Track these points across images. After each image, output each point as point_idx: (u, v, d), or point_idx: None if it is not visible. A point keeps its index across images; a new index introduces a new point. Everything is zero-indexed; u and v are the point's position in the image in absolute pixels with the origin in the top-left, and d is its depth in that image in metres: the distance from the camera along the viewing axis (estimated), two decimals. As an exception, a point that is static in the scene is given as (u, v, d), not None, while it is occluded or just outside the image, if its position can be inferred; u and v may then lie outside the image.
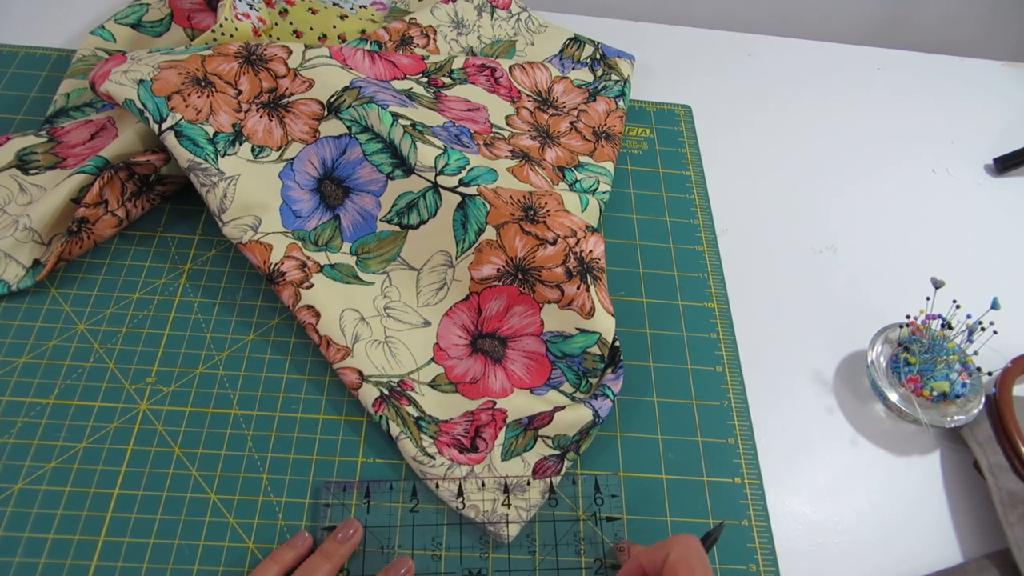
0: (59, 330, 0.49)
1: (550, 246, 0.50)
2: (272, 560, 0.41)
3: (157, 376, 0.48)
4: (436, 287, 0.52)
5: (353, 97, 0.54)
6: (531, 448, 0.47)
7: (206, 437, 0.46)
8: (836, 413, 0.53)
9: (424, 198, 0.52)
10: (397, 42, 0.64)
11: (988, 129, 0.73)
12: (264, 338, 0.50)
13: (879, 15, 0.92)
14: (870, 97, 0.75)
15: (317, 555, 0.41)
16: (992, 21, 0.94)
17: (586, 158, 0.61)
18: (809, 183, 0.66)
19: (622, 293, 0.56)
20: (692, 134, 0.68)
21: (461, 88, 0.62)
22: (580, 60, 0.70)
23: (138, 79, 0.51)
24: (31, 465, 0.44)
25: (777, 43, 0.78)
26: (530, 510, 0.45)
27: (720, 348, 0.54)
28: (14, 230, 0.50)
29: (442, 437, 0.46)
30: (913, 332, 0.52)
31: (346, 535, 0.42)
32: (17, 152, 0.55)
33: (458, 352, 0.50)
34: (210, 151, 0.52)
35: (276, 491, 0.45)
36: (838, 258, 0.61)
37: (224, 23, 0.58)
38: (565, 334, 0.50)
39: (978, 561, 0.46)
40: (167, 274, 0.53)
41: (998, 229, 0.65)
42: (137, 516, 0.43)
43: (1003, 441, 0.49)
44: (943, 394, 0.50)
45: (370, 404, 0.47)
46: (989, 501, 0.48)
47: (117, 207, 0.52)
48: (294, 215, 0.53)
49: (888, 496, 0.49)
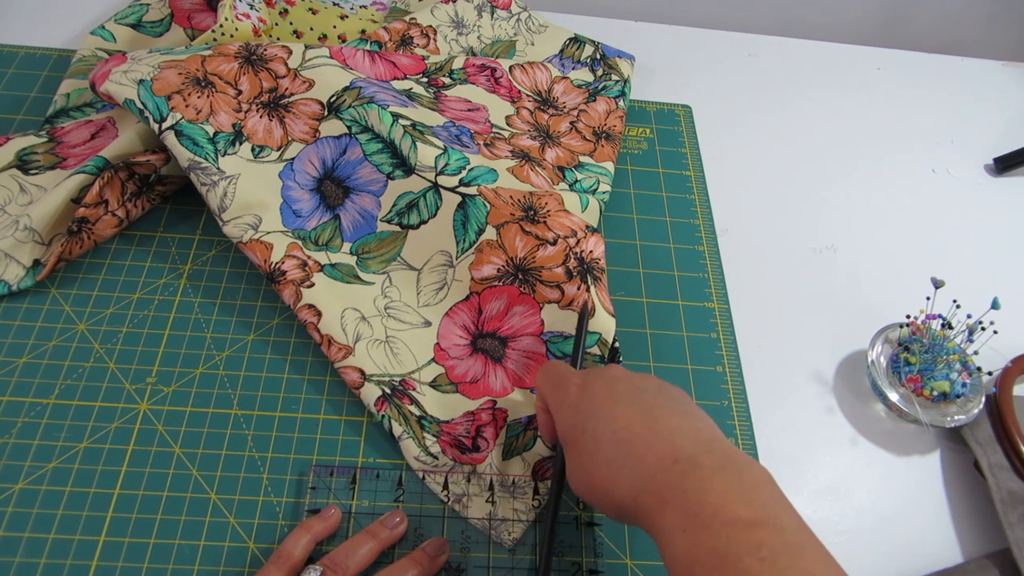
0: (59, 330, 0.49)
1: (550, 246, 0.50)
2: (303, 529, 0.41)
3: (157, 376, 0.48)
4: (436, 287, 0.52)
5: (353, 97, 0.54)
6: (531, 448, 0.47)
7: (206, 437, 0.46)
8: (836, 413, 0.53)
9: (424, 198, 0.52)
10: (397, 42, 0.64)
11: (988, 129, 0.73)
12: (264, 338, 0.50)
13: (879, 15, 0.92)
14: (870, 97, 0.75)
15: (363, 533, 0.42)
16: (992, 21, 0.94)
17: (586, 158, 0.61)
18: (809, 183, 0.66)
19: (622, 293, 0.56)
20: (692, 134, 0.68)
21: (461, 88, 0.62)
22: (580, 60, 0.70)
23: (138, 79, 0.51)
24: (31, 465, 0.44)
25: (777, 43, 0.78)
26: (530, 511, 0.45)
27: (720, 348, 0.54)
28: (14, 230, 0.50)
29: (444, 437, 0.47)
30: (913, 332, 0.52)
31: (393, 523, 0.42)
32: (17, 152, 0.55)
33: (458, 352, 0.50)
34: (210, 151, 0.52)
35: (276, 491, 0.45)
36: (838, 258, 0.61)
37: (224, 23, 0.58)
38: (565, 334, 0.50)
39: (978, 561, 0.46)
40: (167, 274, 0.53)
41: (998, 229, 0.65)
42: (137, 516, 0.43)
43: (1003, 441, 0.49)
44: (943, 394, 0.50)
45: (372, 403, 0.47)
46: (989, 501, 0.48)
47: (117, 207, 0.52)
48: (294, 215, 0.53)
49: (888, 496, 0.49)
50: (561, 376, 0.42)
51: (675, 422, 0.36)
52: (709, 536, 0.31)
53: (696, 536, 0.31)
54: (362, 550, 0.41)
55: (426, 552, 0.42)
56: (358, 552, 0.40)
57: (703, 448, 0.35)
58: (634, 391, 0.39)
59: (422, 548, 0.42)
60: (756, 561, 0.30)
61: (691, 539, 0.31)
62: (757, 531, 0.31)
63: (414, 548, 0.42)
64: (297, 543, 0.41)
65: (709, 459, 0.34)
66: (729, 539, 0.30)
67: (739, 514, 0.31)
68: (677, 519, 0.32)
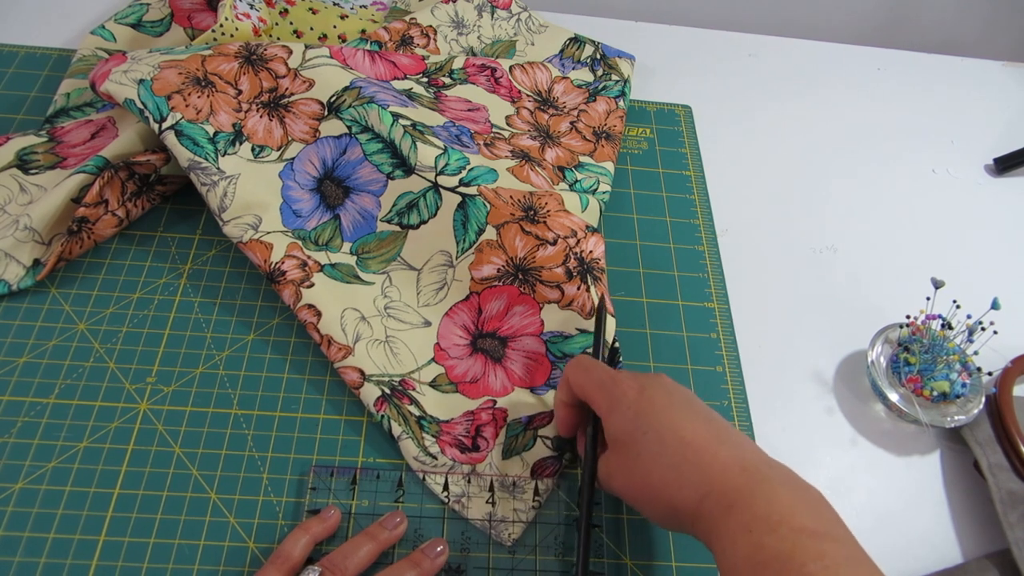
0: (59, 330, 0.49)
1: (550, 246, 0.50)
2: (302, 530, 0.41)
3: (157, 376, 0.48)
4: (436, 287, 0.52)
5: (353, 97, 0.54)
6: (531, 448, 0.47)
7: (206, 437, 0.46)
8: (836, 413, 0.53)
9: (424, 198, 0.52)
10: (397, 42, 0.64)
11: (988, 129, 0.73)
12: (264, 338, 0.50)
13: (879, 15, 0.92)
14: (870, 97, 0.75)
15: (362, 535, 0.42)
16: (992, 21, 0.94)
17: (586, 158, 0.61)
18: (809, 183, 0.66)
19: (622, 293, 0.56)
20: (692, 134, 0.68)
21: (461, 88, 0.62)
22: (580, 60, 0.70)
23: (138, 79, 0.51)
24: (31, 465, 0.44)
25: (777, 43, 0.78)
26: (530, 511, 0.45)
27: (720, 348, 0.54)
28: (14, 230, 0.50)
29: (443, 437, 0.46)
30: (913, 332, 0.52)
31: (392, 524, 0.43)
32: (17, 152, 0.55)
33: (458, 352, 0.50)
34: (210, 150, 0.52)
35: (276, 491, 0.45)
36: (838, 258, 0.61)
37: (224, 23, 0.58)
38: (565, 334, 0.50)
39: (978, 561, 0.46)
40: (167, 274, 0.53)
41: (998, 229, 0.65)
42: (137, 516, 0.43)
43: (1003, 441, 0.49)
44: (943, 394, 0.50)
45: (372, 403, 0.47)
46: (989, 501, 0.48)
47: (117, 207, 0.52)
48: (294, 214, 0.53)
49: (888, 496, 0.49)
50: (610, 376, 0.41)
51: (736, 437, 0.38)
52: (776, 540, 0.32)
53: (761, 539, 0.32)
54: (361, 551, 0.41)
55: (425, 553, 0.42)
56: (357, 553, 0.41)
57: (766, 462, 0.36)
58: (691, 402, 0.40)
59: (421, 549, 0.42)
60: (820, 568, 0.31)
61: (756, 541, 0.33)
62: (821, 542, 0.32)
63: (414, 548, 0.42)
64: (296, 544, 0.41)
65: (774, 473, 0.36)
66: (795, 545, 0.32)
67: (805, 524, 0.33)
68: (743, 522, 0.33)
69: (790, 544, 0.32)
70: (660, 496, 0.37)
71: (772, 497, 0.34)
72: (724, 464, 0.36)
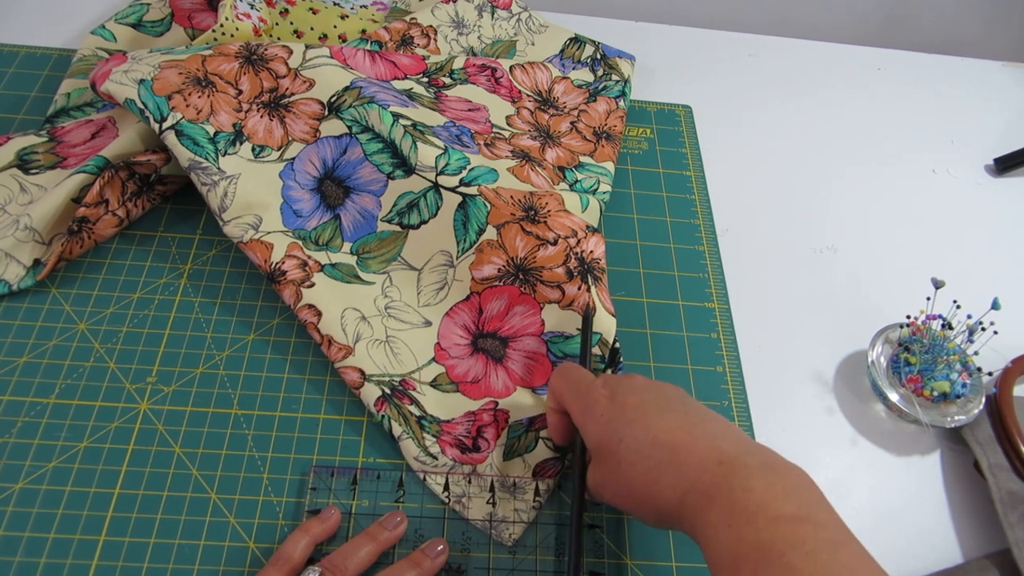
0: (60, 330, 0.49)
1: (551, 246, 0.50)
2: (302, 531, 0.41)
3: (158, 376, 0.48)
4: (437, 287, 0.52)
5: (354, 97, 0.54)
6: (532, 450, 0.47)
7: (207, 437, 0.46)
8: (836, 413, 0.53)
9: (425, 198, 0.52)
10: (398, 42, 0.64)
11: (988, 129, 0.73)
12: (264, 338, 0.50)
13: (879, 15, 0.92)
14: (870, 97, 0.75)
15: (363, 535, 0.42)
16: (992, 21, 0.94)
17: (586, 158, 0.61)
18: (809, 183, 0.66)
19: (622, 293, 0.56)
20: (692, 134, 0.68)
21: (462, 88, 0.62)
22: (580, 60, 0.70)
23: (139, 79, 0.51)
24: (32, 465, 0.44)
25: (777, 43, 0.78)
26: (531, 511, 0.45)
27: (720, 348, 0.54)
28: (15, 230, 0.50)
29: (444, 437, 0.47)
30: (913, 332, 0.52)
31: (392, 524, 0.42)
32: (18, 152, 0.55)
33: (459, 352, 0.50)
34: (211, 150, 0.52)
35: (276, 491, 0.45)
36: (838, 258, 0.61)
37: (225, 23, 0.58)
38: (566, 334, 0.50)
39: (978, 561, 0.46)
40: (167, 274, 0.53)
41: (998, 229, 0.65)
42: (138, 516, 0.43)
43: (1003, 441, 0.49)
44: (943, 394, 0.50)
45: (372, 403, 0.47)
46: (989, 501, 0.48)
47: (117, 207, 0.52)
48: (295, 214, 0.53)
49: (888, 496, 0.49)
50: (585, 383, 0.42)
51: (712, 427, 0.37)
52: (754, 531, 0.32)
53: (741, 531, 0.32)
54: (361, 552, 0.41)
55: (426, 553, 0.42)
56: (357, 554, 0.41)
57: (743, 450, 0.36)
58: (663, 399, 0.39)
59: (422, 549, 0.42)
60: (799, 556, 0.30)
61: (736, 534, 0.32)
62: (800, 527, 0.32)
63: (414, 548, 0.42)
64: (296, 545, 0.41)
65: (752, 459, 0.35)
66: (773, 534, 0.31)
67: (783, 511, 0.32)
68: (723, 515, 0.33)
69: (768, 534, 0.32)
70: (645, 501, 0.37)
71: (749, 487, 0.33)
72: (700, 459, 0.35)
